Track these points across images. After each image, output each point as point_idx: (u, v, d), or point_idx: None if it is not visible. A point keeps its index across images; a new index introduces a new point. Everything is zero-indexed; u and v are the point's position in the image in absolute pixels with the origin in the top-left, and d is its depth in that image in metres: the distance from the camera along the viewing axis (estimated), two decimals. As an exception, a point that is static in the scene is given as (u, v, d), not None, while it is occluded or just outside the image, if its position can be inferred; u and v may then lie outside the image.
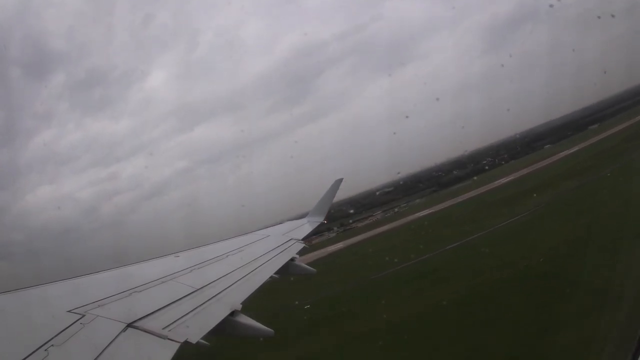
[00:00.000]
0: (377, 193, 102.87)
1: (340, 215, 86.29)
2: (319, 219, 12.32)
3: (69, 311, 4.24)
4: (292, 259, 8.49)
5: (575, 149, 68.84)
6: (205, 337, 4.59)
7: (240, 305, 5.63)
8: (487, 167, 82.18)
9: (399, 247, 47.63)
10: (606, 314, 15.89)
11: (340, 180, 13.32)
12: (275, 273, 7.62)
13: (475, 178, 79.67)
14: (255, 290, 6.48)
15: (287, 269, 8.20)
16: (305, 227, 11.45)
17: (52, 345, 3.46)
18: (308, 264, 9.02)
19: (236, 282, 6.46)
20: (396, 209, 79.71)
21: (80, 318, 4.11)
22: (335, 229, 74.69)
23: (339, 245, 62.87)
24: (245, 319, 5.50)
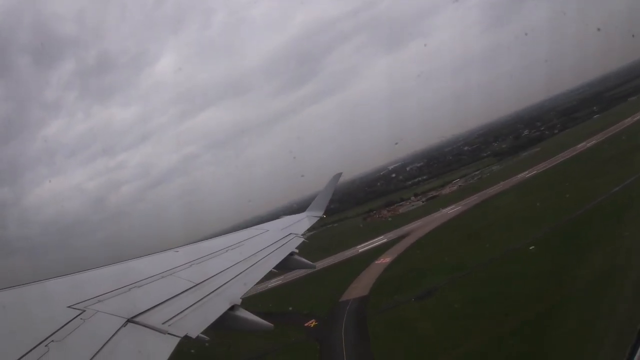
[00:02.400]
0: (408, 168, 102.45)
1: (393, 189, 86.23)
2: (319, 214, 12.33)
3: (69, 307, 4.26)
4: (292, 254, 8.50)
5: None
6: (205, 332, 4.63)
7: (240, 300, 5.65)
8: (553, 132, 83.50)
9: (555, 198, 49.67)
10: None
11: (339, 174, 13.32)
12: (275, 268, 7.64)
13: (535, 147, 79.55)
14: (255, 285, 6.51)
15: (286, 264, 8.23)
16: (305, 221, 11.46)
17: (53, 340, 3.48)
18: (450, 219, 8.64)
19: (236, 276, 6.48)
20: (476, 177, 77.84)
21: (81, 313, 4.13)
22: (412, 198, 74.24)
23: (458, 207, 63.89)
24: (244, 314, 5.53)
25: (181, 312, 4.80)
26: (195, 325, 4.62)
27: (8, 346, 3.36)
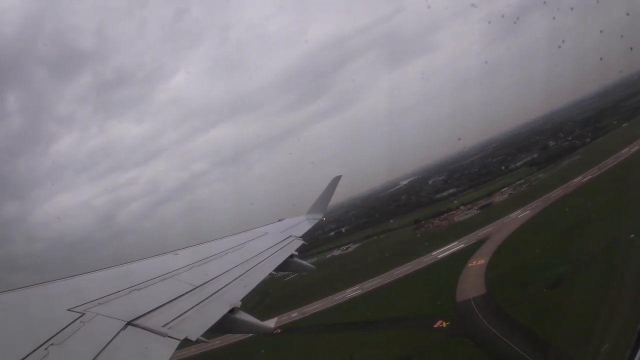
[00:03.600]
0: (430, 181, 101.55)
1: (427, 201, 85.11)
2: (318, 216, 12.34)
3: (69, 309, 4.25)
4: (291, 256, 8.50)
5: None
6: (205, 335, 4.62)
7: (240, 303, 5.65)
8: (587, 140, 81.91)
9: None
10: None
11: (339, 177, 13.34)
12: (275, 270, 7.64)
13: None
14: (254, 288, 6.51)
15: (286, 266, 8.22)
16: (304, 224, 11.45)
17: (52, 343, 3.47)
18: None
19: (235, 279, 6.48)
20: (523, 185, 76.91)
21: (80, 316, 4.12)
22: (461, 207, 73.42)
23: (526, 212, 63.16)
24: (244, 316, 5.52)
25: (181, 314, 4.80)
26: (195, 328, 4.62)
27: (8, 349, 3.36)
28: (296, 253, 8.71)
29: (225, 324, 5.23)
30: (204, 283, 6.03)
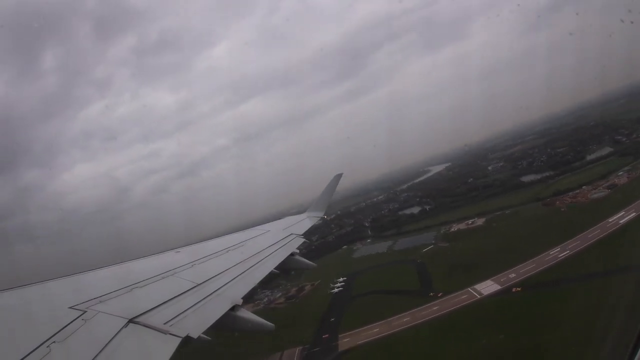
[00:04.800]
0: (490, 167, 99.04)
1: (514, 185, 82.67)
2: (319, 214, 12.34)
3: (71, 307, 4.26)
4: (292, 254, 8.51)
5: None
6: (206, 332, 4.63)
7: (241, 300, 5.66)
8: None
9: None
10: None
11: (340, 175, 13.33)
12: (276, 268, 7.65)
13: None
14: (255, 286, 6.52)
15: (287, 264, 8.23)
16: (305, 222, 11.46)
17: (54, 341, 3.49)
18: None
19: (237, 277, 6.49)
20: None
21: (82, 314, 4.14)
22: (584, 188, 68.90)
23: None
24: (245, 314, 5.54)
25: (182, 312, 4.81)
26: (197, 325, 4.63)
27: (10, 347, 3.37)
28: (297, 251, 8.72)
29: (226, 322, 5.24)
30: (206, 281, 6.04)
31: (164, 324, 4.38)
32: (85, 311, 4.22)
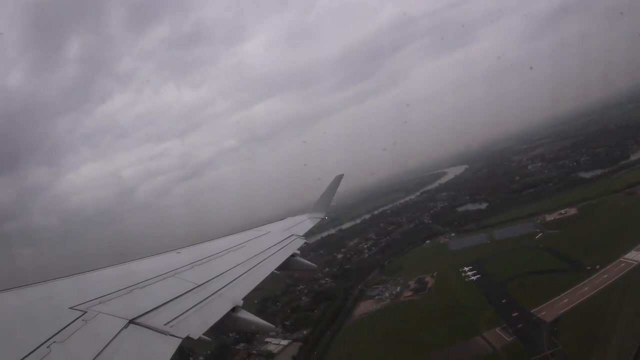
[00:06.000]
0: (529, 167, 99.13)
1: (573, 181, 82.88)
2: (320, 215, 12.33)
3: (71, 308, 4.26)
4: (293, 255, 8.49)
5: None
6: (207, 333, 4.62)
7: (242, 301, 5.64)
8: None
9: None
10: None
11: (341, 176, 13.31)
12: (277, 269, 7.63)
13: None
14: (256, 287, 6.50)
15: (288, 265, 8.22)
16: (307, 222, 11.45)
17: (55, 342, 3.48)
18: None
19: (237, 278, 6.48)
20: None
21: (82, 315, 4.13)
22: None
23: None
24: (246, 315, 5.51)
25: (183, 313, 4.80)
26: (197, 326, 4.61)
27: (10, 347, 3.36)
28: (298, 252, 8.71)
29: (227, 323, 5.23)
30: (206, 282, 6.03)
31: (165, 324, 4.37)
32: (86, 312, 4.22)
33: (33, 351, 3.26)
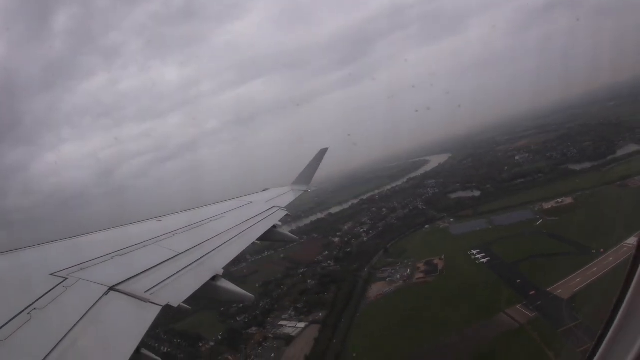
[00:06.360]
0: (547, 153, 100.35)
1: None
2: (303, 188, 12.42)
3: (52, 274, 4.31)
4: (275, 226, 8.62)
5: None
6: (186, 301, 4.73)
7: (222, 270, 5.75)
8: None
9: None
10: None
11: (325, 149, 13.35)
12: (258, 239, 7.75)
13: None
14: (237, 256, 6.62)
15: (269, 236, 8.34)
16: (289, 194, 11.53)
17: (35, 308, 3.55)
18: None
19: (218, 247, 6.57)
20: None
21: (63, 281, 4.19)
22: None
23: None
24: (226, 284, 5.64)
25: (163, 281, 4.88)
26: (177, 294, 4.70)
27: None
28: (279, 223, 8.83)
29: (207, 291, 5.35)
30: (187, 250, 6.11)
31: (145, 292, 4.46)
32: (67, 278, 4.27)
33: (13, 318, 3.33)
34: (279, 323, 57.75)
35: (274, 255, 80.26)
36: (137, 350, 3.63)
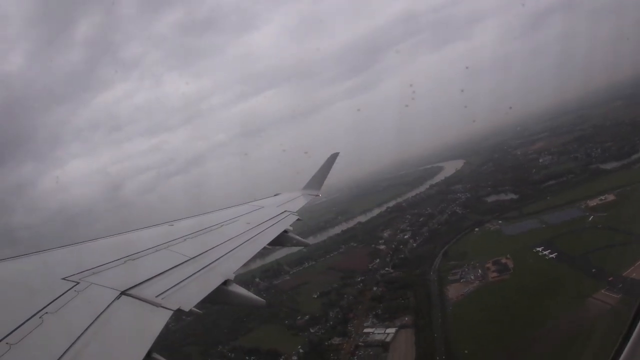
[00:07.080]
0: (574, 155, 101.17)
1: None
2: (314, 193, 12.37)
3: (64, 278, 4.30)
4: (286, 231, 8.57)
5: None
6: (198, 306, 4.70)
7: (233, 275, 5.72)
8: None
9: None
10: None
11: (336, 154, 13.29)
12: (269, 244, 7.71)
13: None
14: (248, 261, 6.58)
15: (280, 241, 8.30)
16: (300, 199, 11.49)
17: (47, 312, 3.54)
18: None
19: (229, 252, 6.54)
20: None
21: (75, 285, 4.18)
22: None
23: None
24: (237, 289, 5.61)
25: (175, 285, 4.86)
26: (189, 298, 4.68)
27: (3, 318, 3.41)
28: (291, 228, 8.78)
29: (218, 296, 5.32)
30: (198, 255, 6.09)
31: (156, 296, 4.44)
32: (78, 282, 4.27)
33: (25, 321, 3.32)
34: (364, 331, 56.31)
35: (316, 265, 79.66)
36: (149, 354, 3.60)
